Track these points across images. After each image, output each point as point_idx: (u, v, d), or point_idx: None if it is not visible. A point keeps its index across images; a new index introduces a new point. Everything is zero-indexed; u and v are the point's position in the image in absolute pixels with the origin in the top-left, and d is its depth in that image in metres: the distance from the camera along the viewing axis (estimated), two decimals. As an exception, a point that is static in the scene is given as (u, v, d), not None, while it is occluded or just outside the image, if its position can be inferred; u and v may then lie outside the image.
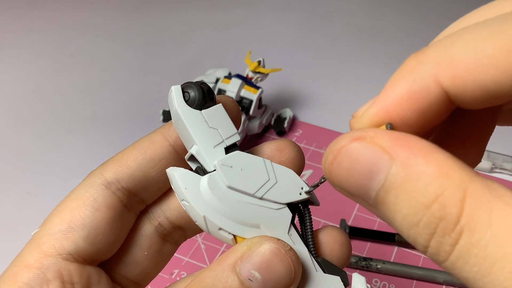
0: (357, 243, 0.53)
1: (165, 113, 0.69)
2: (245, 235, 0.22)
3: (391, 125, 0.18)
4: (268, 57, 0.69)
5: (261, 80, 0.64)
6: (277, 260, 0.21)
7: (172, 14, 0.96)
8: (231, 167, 0.22)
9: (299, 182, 0.23)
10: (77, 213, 0.24)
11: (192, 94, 0.23)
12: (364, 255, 0.51)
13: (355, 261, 0.50)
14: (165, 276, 0.51)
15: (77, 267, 0.23)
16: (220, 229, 0.22)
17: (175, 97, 0.23)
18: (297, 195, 0.23)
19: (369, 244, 0.53)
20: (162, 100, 0.74)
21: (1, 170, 0.65)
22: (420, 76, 0.17)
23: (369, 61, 0.81)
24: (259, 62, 0.64)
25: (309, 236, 0.23)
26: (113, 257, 0.26)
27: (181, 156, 0.25)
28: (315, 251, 0.23)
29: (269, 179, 0.23)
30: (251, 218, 0.22)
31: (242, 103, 0.62)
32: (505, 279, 0.13)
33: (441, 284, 0.49)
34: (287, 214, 0.23)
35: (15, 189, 0.62)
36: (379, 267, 0.49)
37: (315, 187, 0.23)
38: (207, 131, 0.23)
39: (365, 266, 0.49)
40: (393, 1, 0.96)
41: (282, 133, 0.67)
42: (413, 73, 0.17)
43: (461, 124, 0.21)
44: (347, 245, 0.24)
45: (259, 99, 0.63)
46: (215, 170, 0.22)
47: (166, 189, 0.26)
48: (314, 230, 0.24)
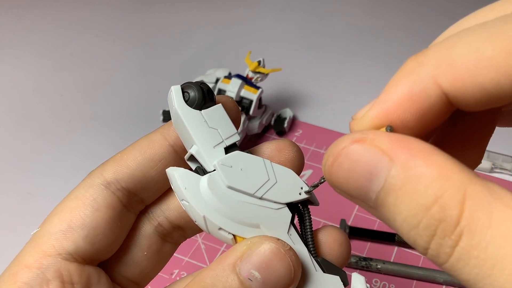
0: (357, 243, 0.53)
1: (165, 113, 0.69)
2: (245, 235, 0.22)
3: (391, 128, 0.18)
4: (268, 57, 0.69)
5: (261, 80, 0.64)
6: (277, 260, 0.21)
7: (172, 14, 0.96)
8: (231, 167, 0.22)
9: (299, 182, 0.23)
10: (76, 213, 0.24)
11: (192, 94, 0.23)
12: (364, 255, 0.51)
13: (355, 261, 0.50)
14: (165, 276, 0.51)
15: (77, 267, 0.23)
16: (220, 229, 0.22)
17: (174, 97, 0.23)
18: (297, 195, 0.23)
19: (369, 244, 0.53)
20: (162, 100, 0.74)
21: (1, 170, 0.65)
22: (420, 78, 0.17)
23: (369, 61, 0.81)
24: (259, 62, 0.64)
25: (309, 236, 0.23)
26: (112, 257, 0.26)
27: (181, 156, 0.25)
28: (314, 251, 0.23)
29: (269, 179, 0.23)
30: (250, 218, 0.22)
31: (242, 103, 0.62)
32: (506, 281, 0.13)
33: (441, 284, 0.49)
34: (287, 214, 0.23)
35: (15, 189, 0.62)
36: (379, 267, 0.49)
37: (315, 187, 0.23)
38: (206, 131, 0.23)
39: (365, 266, 0.49)
40: (393, 1, 0.96)
41: (282, 133, 0.67)
42: (413, 75, 0.17)
43: (461, 126, 0.21)
44: (347, 245, 0.24)
45: (259, 99, 0.63)
46: (215, 170, 0.22)
47: (165, 189, 0.26)
48: (313, 230, 0.24)
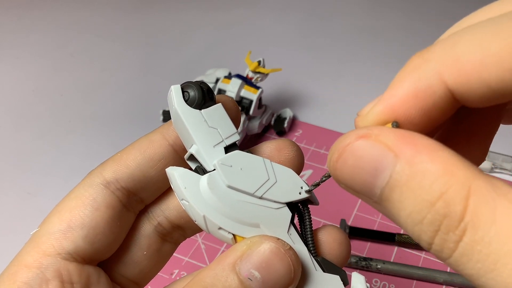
0: (357, 243, 0.53)
1: (165, 113, 0.69)
2: (245, 234, 0.22)
3: (397, 123, 0.18)
4: (268, 57, 0.69)
5: (261, 80, 0.64)
6: (276, 259, 0.21)
7: (172, 14, 0.96)
8: (231, 166, 0.22)
9: (299, 181, 0.23)
10: (76, 212, 0.24)
11: (191, 93, 0.23)
12: (364, 255, 0.51)
13: (355, 261, 0.50)
14: (165, 276, 0.51)
15: (76, 266, 0.23)
16: (219, 228, 0.22)
17: (174, 97, 0.23)
18: (297, 195, 0.23)
19: (369, 244, 0.53)
20: (162, 100, 0.74)
21: (1, 170, 0.65)
22: (425, 74, 0.17)
23: (369, 61, 0.81)
24: (259, 62, 0.64)
25: (309, 235, 0.23)
26: (112, 256, 0.26)
27: (181, 155, 0.25)
28: (314, 251, 0.23)
29: (269, 178, 0.23)
30: (250, 217, 0.22)
31: (242, 103, 0.62)
32: (508, 276, 0.14)
33: (441, 284, 0.49)
34: (287, 213, 0.23)
35: (15, 189, 0.62)
36: (379, 267, 0.49)
37: (316, 186, 0.23)
38: (206, 131, 0.23)
39: (365, 266, 0.49)
40: (393, 1, 0.96)
41: (282, 133, 0.67)
42: (418, 72, 0.17)
43: (465, 122, 0.21)
44: (346, 244, 0.24)
45: (259, 99, 0.63)
46: (214, 169, 0.22)
47: (165, 189, 0.26)
48: (313, 229, 0.24)
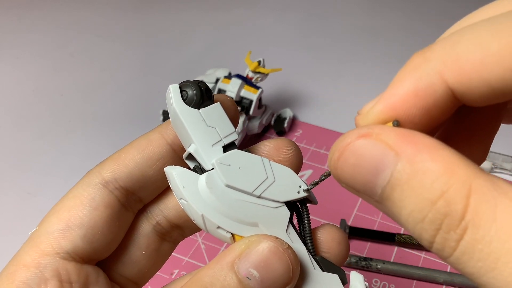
0: (357, 243, 0.53)
1: (165, 113, 0.69)
2: (243, 233, 0.22)
3: (398, 122, 0.18)
4: (268, 57, 0.69)
5: (261, 80, 0.64)
6: (275, 258, 0.20)
7: (172, 14, 0.96)
8: (229, 165, 0.22)
9: (297, 180, 0.23)
10: (75, 212, 0.24)
11: (190, 92, 0.23)
12: (364, 255, 0.51)
13: (355, 261, 0.50)
14: (165, 276, 0.50)
15: (75, 266, 0.23)
16: (218, 227, 0.22)
17: (173, 96, 0.23)
18: (295, 194, 0.23)
19: (369, 244, 0.53)
20: (162, 100, 0.74)
21: (1, 170, 0.65)
22: (426, 73, 0.17)
23: (369, 61, 0.81)
24: (259, 62, 0.64)
25: (307, 234, 0.23)
26: (111, 256, 0.26)
27: (179, 155, 0.25)
28: (313, 250, 0.23)
29: (267, 177, 0.23)
30: (249, 216, 0.22)
31: (242, 103, 0.62)
32: (509, 274, 0.14)
33: (441, 284, 0.49)
34: (285, 212, 0.23)
35: (15, 189, 0.62)
36: (379, 267, 0.49)
37: (315, 185, 0.23)
38: (205, 130, 0.23)
39: (365, 266, 0.49)
40: (393, 1, 0.96)
41: (282, 133, 0.67)
42: (419, 71, 0.17)
43: (466, 121, 0.21)
44: (345, 243, 0.24)
45: (259, 99, 0.63)
46: (213, 168, 0.22)
47: (164, 188, 0.26)
48: (312, 228, 0.24)
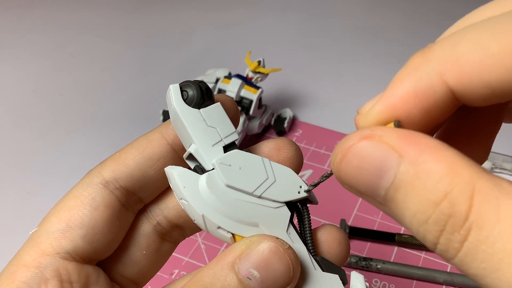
0: (357, 243, 0.53)
1: (165, 113, 0.69)
2: (244, 233, 0.22)
3: (399, 123, 0.18)
4: (268, 57, 0.69)
5: (261, 80, 0.64)
6: (275, 258, 0.20)
7: (172, 14, 0.96)
8: (230, 165, 0.22)
9: (298, 180, 0.23)
10: (75, 212, 0.24)
11: (190, 92, 0.23)
12: (364, 255, 0.51)
13: (355, 261, 0.50)
14: (165, 276, 0.50)
15: (75, 266, 0.23)
16: (218, 227, 0.22)
17: (173, 96, 0.23)
18: (296, 194, 0.23)
19: (369, 244, 0.53)
20: (162, 100, 0.74)
21: (1, 170, 0.65)
22: (425, 74, 0.17)
23: (369, 61, 0.81)
24: (259, 62, 0.64)
25: (308, 234, 0.23)
26: (111, 256, 0.26)
27: (180, 155, 0.25)
28: (313, 250, 0.23)
29: (268, 177, 0.23)
30: (249, 216, 0.22)
31: (242, 103, 0.62)
32: None
33: (441, 284, 0.49)
34: (286, 212, 0.23)
35: (15, 189, 0.62)
36: (379, 267, 0.49)
37: (315, 186, 0.23)
38: (205, 130, 0.22)
39: (365, 266, 0.49)
40: (393, 1, 0.96)
41: (282, 133, 0.67)
42: (419, 71, 0.17)
43: (467, 121, 0.21)
44: (346, 244, 0.24)
45: (259, 99, 0.63)
46: (213, 168, 0.22)
47: (164, 188, 0.26)
48: (312, 228, 0.24)
